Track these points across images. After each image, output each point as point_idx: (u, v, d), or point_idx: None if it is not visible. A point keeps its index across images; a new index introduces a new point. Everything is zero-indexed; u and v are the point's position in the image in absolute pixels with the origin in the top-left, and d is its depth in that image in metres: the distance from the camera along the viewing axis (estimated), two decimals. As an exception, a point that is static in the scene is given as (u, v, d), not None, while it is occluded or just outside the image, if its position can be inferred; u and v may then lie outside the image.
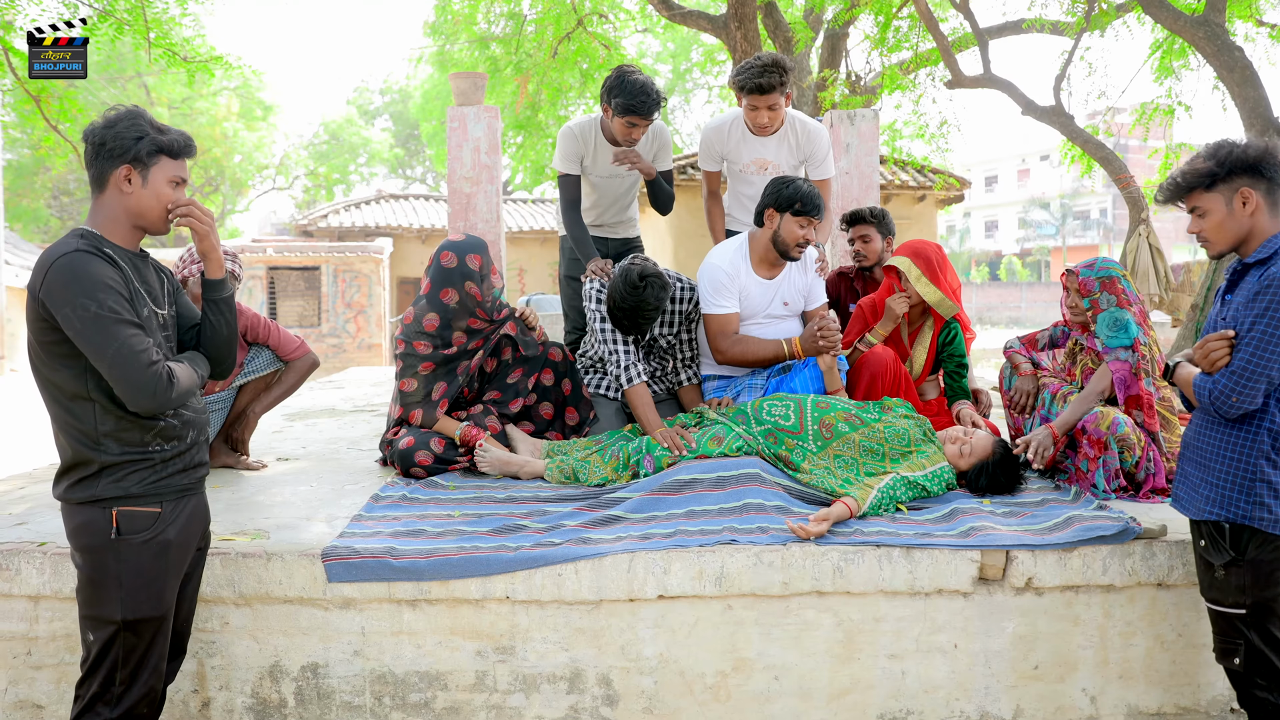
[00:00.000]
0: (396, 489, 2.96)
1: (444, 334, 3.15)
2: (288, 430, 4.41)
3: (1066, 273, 3.12)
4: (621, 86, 3.51)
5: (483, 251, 3.18)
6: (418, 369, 3.15)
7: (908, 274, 3.31)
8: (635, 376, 3.21)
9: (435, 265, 3.14)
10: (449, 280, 3.10)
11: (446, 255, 3.13)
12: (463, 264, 3.11)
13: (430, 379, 3.17)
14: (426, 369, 3.16)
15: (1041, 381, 3.21)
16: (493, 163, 4.77)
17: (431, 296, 3.13)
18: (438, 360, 3.17)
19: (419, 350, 3.14)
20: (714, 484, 2.77)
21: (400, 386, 3.18)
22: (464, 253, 3.13)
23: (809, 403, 2.99)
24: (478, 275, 3.13)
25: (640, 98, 3.48)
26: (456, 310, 3.14)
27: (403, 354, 3.16)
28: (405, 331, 3.17)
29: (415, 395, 3.16)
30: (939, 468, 2.86)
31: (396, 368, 3.18)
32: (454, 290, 3.11)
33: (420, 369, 3.15)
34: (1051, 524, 2.59)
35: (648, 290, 3.17)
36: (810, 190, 3.23)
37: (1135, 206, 7.83)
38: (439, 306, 3.12)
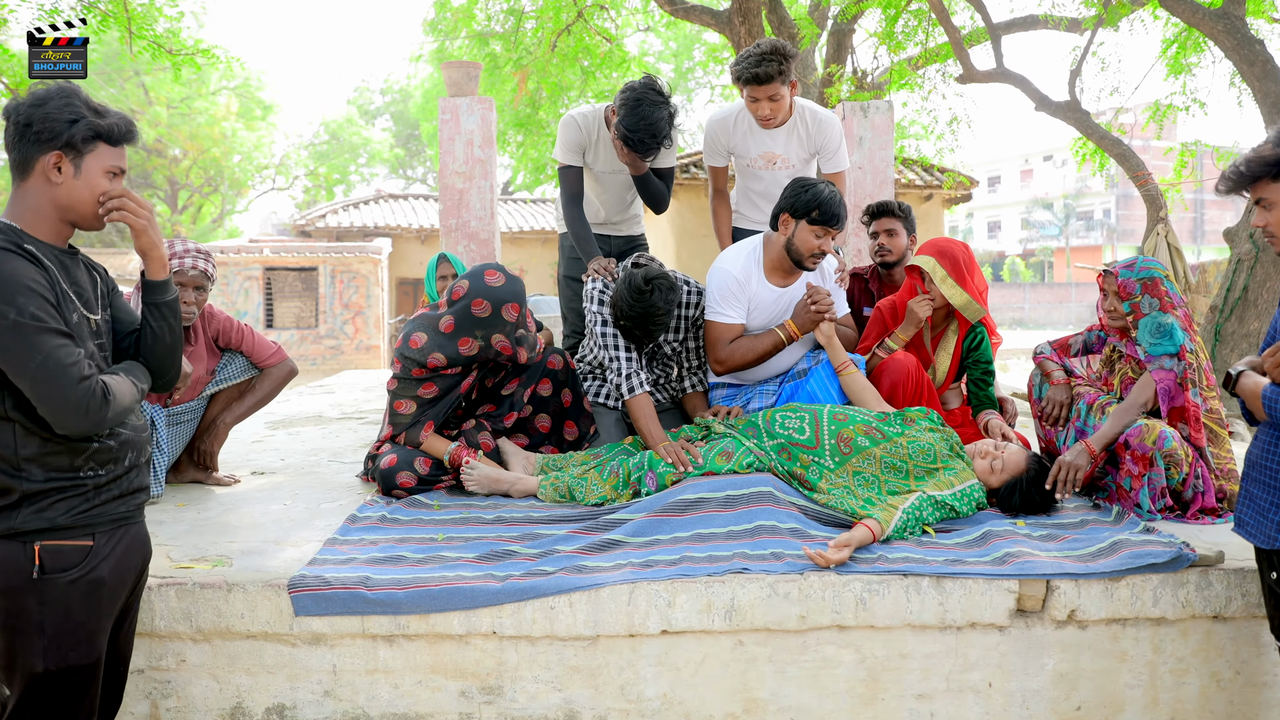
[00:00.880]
0: (375, 508, 2.72)
1: (446, 370, 2.88)
2: (269, 440, 4.17)
3: (1104, 274, 2.88)
4: (634, 112, 3.19)
5: (521, 299, 2.82)
6: (416, 391, 2.89)
7: (932, 274, 3.07)
8: (637, 386, 2.97)
9: (463, 308, 2.77)
10: (473, 330, 2.78)
11: (479, 304, 2.75)
12: (496, 315, 2.77)
13: (429, 404, 2.92)
14: (428, 391, 2.90)
15: (1076, 391, 2.96)
16: (487, 156, 4.53)
17: (449, 339, 2.79)
18: (439, 384, 2.90)
19: (416, 376, 2.87)
20: (723, 504, 2.53)
21: (396, 407, 2.92)
22: (500, 303, 2.76)
23: (825, 414, 2.75)
24: (511, 327, 2.80)
25: (641, 135, 3.18)
26: (473, 357, 2.85)
27: (400, 375, 2.89)
28: (404, 352, 2.87)
29: (408, 418, 2.92)
30: (968, 486, 2.62)
31: (391, 385, 2.93)
32: (476, 342, 2.80)
33: (420, 391, 2.88)
34: (1095, 549, 2.34)
35: (655, 295, 2.93)
36: (831, 197, 2.95)
37: (1153, 204, 7.58)
38: (452, 352, 2.81)
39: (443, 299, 2.90)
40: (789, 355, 3.16)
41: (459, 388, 2.96)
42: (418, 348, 2.86)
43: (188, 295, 2.94)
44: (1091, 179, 37.80)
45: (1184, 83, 9.31)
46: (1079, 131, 8.22)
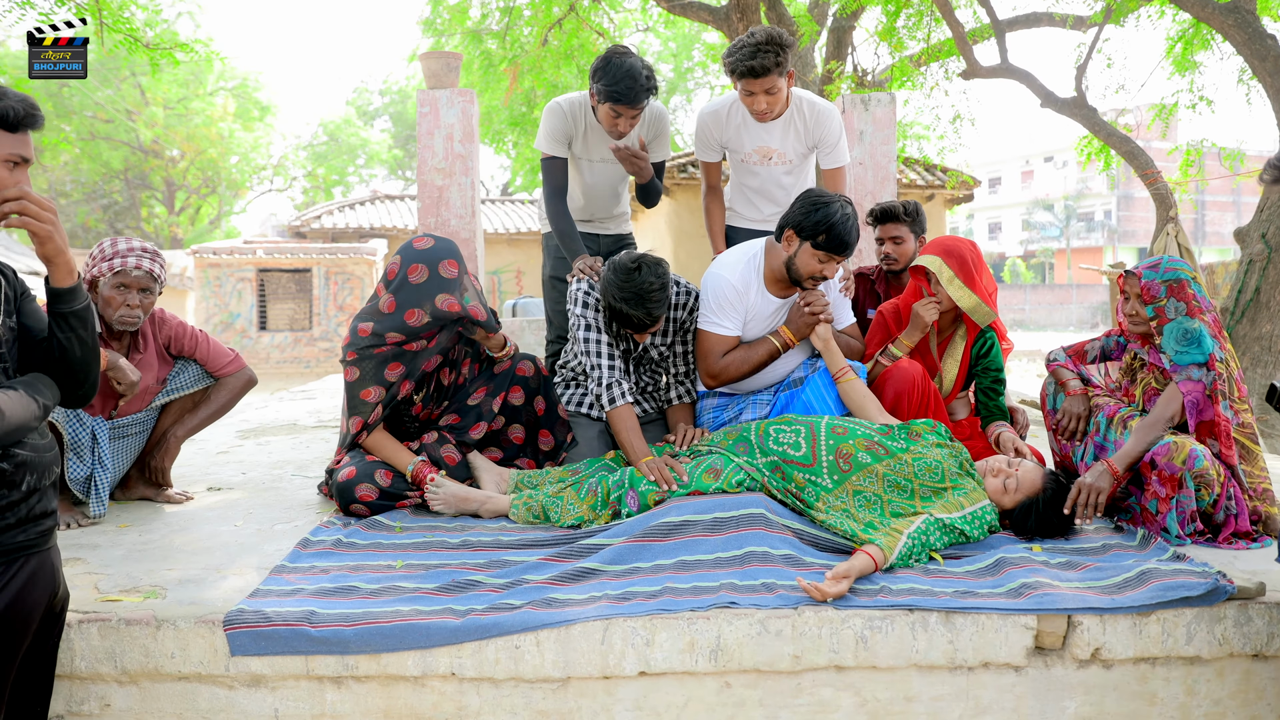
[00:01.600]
0: (331, 531, 2.49)
1: (407, 344, 2.69)
2: (235, 451, 3.95)
3: (1125, 275, 2.66)
4: (606, 70, 3.03)
5: (456, 255, 2.67)
6: (383, 373, 2.67)
7: (938, 275, 2.84)
8: (619, 396, 2.74)
9: (400, 281, 2.61)
10: (419, 298, 2.60)
11: (415, 269, 2.60)
12: (435, 275, 2.59)
13: (398, 384, 2.71)
14: (394, 372, 2.68)
15: (1094, 402, 2.74)
16: (468, 152, 4.31)
17: (394, 316, 2.62)
18: (405, 363, 2.70)
19: (379, 353, 2.66)
20: (710, 527, 2.30)
21: (362, 396, 2.69)
22: (435, 262, 2.60)
23: (822, 428, 2.52)
24: (453, 284, 2.62)
25: (625, 83, 2.99)
26: (427, 325, 2.65)
27: (359, 358, 2.68)
28: (357, 344, 2.68)
29: (371, 407, 2.70)
30: (979, 507, 2.40)
31: (350, 376, 2.70)
32: (423, 312, 2.62)
33: (387, 373, 2.67)
34: (1121, 579, 2.12)
35: (644, 271, 2.71)
36: (844, 221, 2.67)
37: (1163, 203, 7.36)
38: (405, 329, 2.63)
39: (379, 285, 2.69)
40: (784, 363, 2.94)
41: (425, 364, 2.73)
42: (368, 335, 2.66)
43: (132, 298, 2.71)
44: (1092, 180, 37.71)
45: (1191, 80, 9.11)
46: (1086, 128, 8.00)
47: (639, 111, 3.09)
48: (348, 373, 2.71)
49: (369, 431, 2.72)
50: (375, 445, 2.73)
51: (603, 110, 3.10)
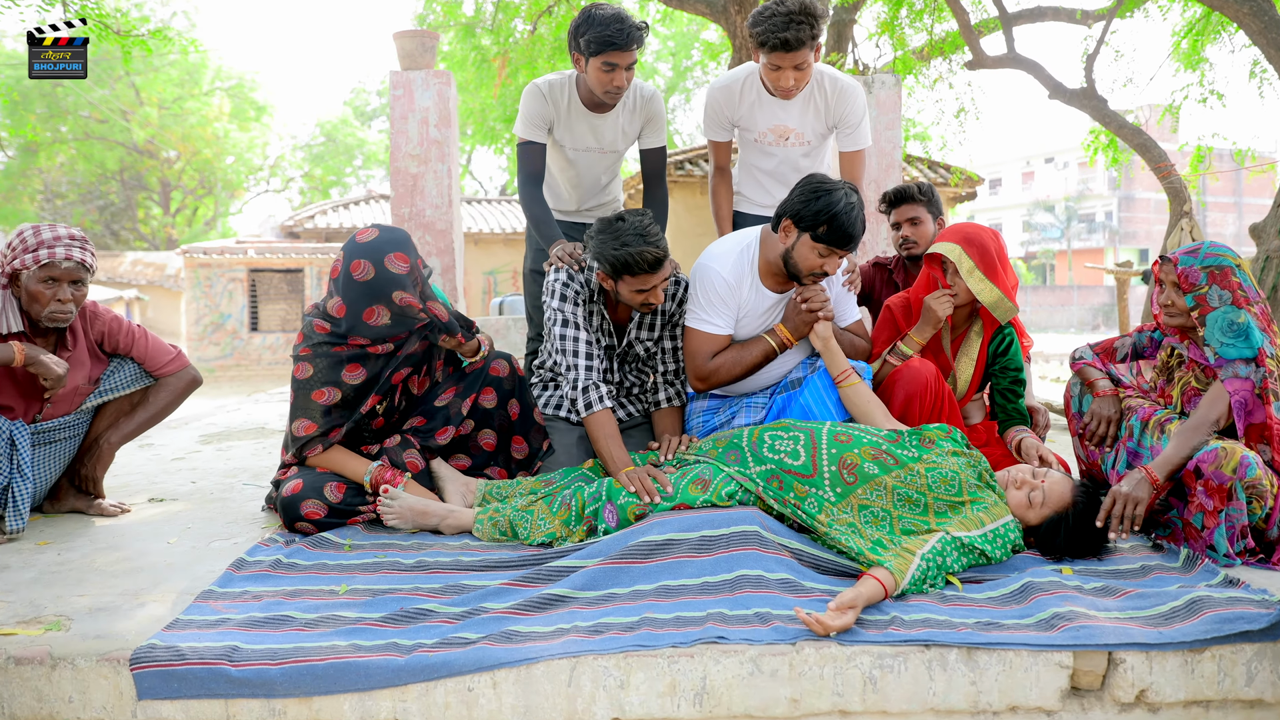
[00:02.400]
0: (270, 550, 2.22)
1: (372, 347, 2.43)
2: (192, 457, 3.68)
3: (1161, 261, 2.39)
4: (590, 19, 2.77)
5: (404, 247, 2.40)
6: (340, 375, 2.40)
7: (958, 265, 2.56)
8: (595, 401, 2.47)
9: (344, 279, 2.36)
10: (371, 297, 2.35)
11: (358, 265, 2.34)
12: (383, 271, 2.34)
13: (358, 393, 2.44)
14: (354, 375, 2.42)
15: (1126, 404, 2.47)
16: (444, 137, 4.04)
17: (350, 320, 2.37)
18: (367, 366, 2.44)
19: (338, 352, 2.41)
20: (697, 546, 2.03)
21: (315, 397, 2.42)
22: (380, 255, 2.34)
23: (824, 434, 2.25)
24: (408, 280, 2.37)
25: (615, 25, 2.72)
26: (391, 326, 2.41)
27: (316, 355, 2.41)
28: (315, 341, 2.42)
29: (322, 410, 2.43)
30: (1001, 524, 2.12)
31: (301, 373, 2.42)
32: (382, 308, 2.37)
33: (345, 375, 2.41)
34: (1168, 609, 1.84)
35: (630, 217, 2.46)
36: (847, 212, 2.39)
37: (1177, 198, 7.10)
38: (365, 329, 2.39)
39: (327, 284, 2.43)
40: (781, 363, 2.66)
41: (393, 376, 2.47)
42: (326, 332, 2.40)
43: (62, 291, 2.45)
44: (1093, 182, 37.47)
45: (1201, 74, 8.87)
46: (1096, 120, 7.74)
47: (634, 58, 2.81)
48: (298, 369, 2.44)
49: (324, 447, 2.43)
50: (324, 458, 2.45)
51: (594, 69, 2.82)
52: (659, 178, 3.18)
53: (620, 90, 2.87)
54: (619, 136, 3.11)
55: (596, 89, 2.88)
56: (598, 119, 3.04)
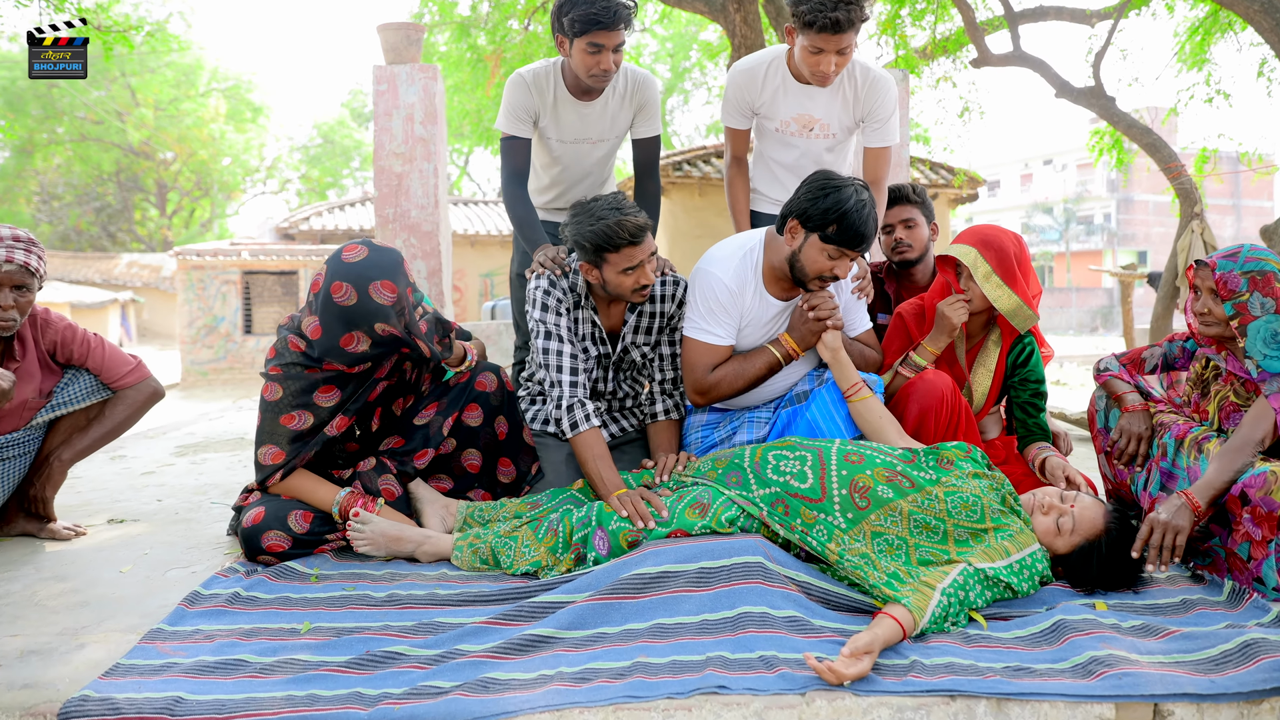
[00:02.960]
0: (228, 582, 2.03)
1: (350, 369, 2.26)
2: (163, 471, 3.49)
3: (1196, 266, 2.21)
4: (567, 1, 2.59)
5: (394, 274, 2.17)
6: (312, 397, 2.22)
7: (973, 270, 2.38)
8: (581, 420, 2.28)
9: (324, 300, 2.17)
10: (350, 324, 2.16)
11: (339, 288, 2.13)
12: (366, 300, 2.13)
13: (332, 414, 2.26)
14: (328, 397, 2.24)
15: (1157, 420, 2.29)
16: (430, 134, 3.86)
17: (326, 344, 2.18)
18: (342, 387, 2.26)
19: (311, 375, 2.23)
20: (695, 580, 1.85)
21: (283, 421, 2.24)
22: (365, 282, 2.12)
23: (834, 454, 2.07)
24: (390, 311, 2.16)
25: (601, 3, 2.53)
26: (368, 355, 2.23)
27: (286, 375, 2.24)
28: (287, 360, 2.24)
29: (293, 435, 2.25)
30: (1028, 554, 1.94)
31: (271, 394, 2.24)
32: (361, 335, 2.18)
33: (317, 397, 2.23)
34: (1219, 652, 1.66)
35: (604, 197, 2.30)
36: (859, 210, 2.20)
37: (1187, 199, 6.92)
38: (341, 355, 2.20)
39: (308, 296, 2.25)
40: (786, 375, 2.48)
41: (369, 394, 2.30)
42: (300, 351, 2.22)
43: (4, 297, 2.27)
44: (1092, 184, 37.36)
45: (1208, 74, 8.72)
46: (1104, 119, 7.56)
47: (621, 38, 2.61)
48: (267, 389, 2.25)
49: (285, 473, 2.24)
50: (289, 485, 2.26)
51: (578, 51, 2.63)
52: (651, 170, 2.99)
53: (608, 74, 2.68)
54: (610, 125, 2.92)
55: (582, 73, 2.69)
56: (586, 107, 2.86)
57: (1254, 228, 34.71)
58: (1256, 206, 35.86)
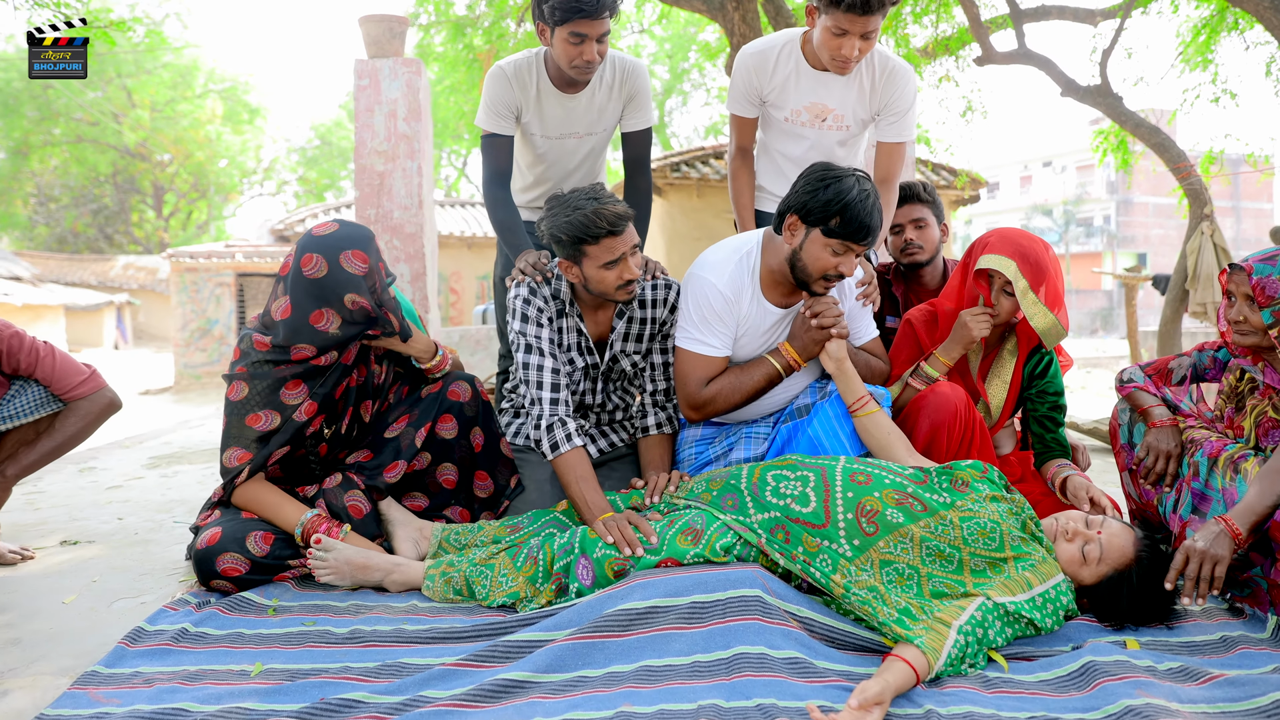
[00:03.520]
0: (177, 616, 1.86)
1: (316, 359, 2.11)
2: (132, 485, 3.32)
3: (1230, 270, 2.04)
4: None
5: (364, 245, 2.09)
6: (278, 395, 2.07)
7: (1014, 284, 2.18)
8: (562, 440, 2.11)
9: (294, 275, 2.06)
10: (321, 298, 2.05)
11: (309, 260, 2.04)
12: (337, 269, 2.04)
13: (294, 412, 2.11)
14: (294, 393, 2.09)
15: (1188, 436, 2.12)
16: (414, 131, 3.69)
17: (294, 324, 2.05)
18: (309, 383, 2.11)
19: (279, 374, 2.08)
20: (686, 615, 1.68)
21: (248, 422, 2.08)
22: (335, 252, 2.04)
23: (838, 474, 1.90)
24: (364, 282, 2.07)
25: None
26: (340, 335, 2.08)
27: (252, 374, 2.09)
28: (254, 359, 2.09)
29: (258, 436, 2.10)
30: (1051, 586, 1.77)
31: (235, 394, 2.09)
32: (332, 313, 2.05)
33: (284, 394, 2.08)
34: (1269, 701, 1.49)
35: (580, 189, 2.15)
36: (862, 200, 2.04)
37: (1197, 200, 6.76)
38: (311, 335, 2.07)
39: (276, 283, 2.11)
40: (786, 388, 2.31)
41: (335, 388, 2.14)
42: (269, 349, 2.07)
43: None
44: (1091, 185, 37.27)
45: (1214, 73, 8.57)
46: (1110, 118, 7.40)
47: (606, 27, 2.44)
48: (232, 389, 2.10)
49: (252, 473, 2.09)
50: (252, 496, 2.10)
51: (560, 40, 2.46)
52: (642, 165, 2.81)
53: (591, 66, 2.51)
54: (597, 118, 2.75)
55: (564, 64, 2.52)
56: (571, 99, 2.69)
57: (1254, 230, 34.60)
58: (1256, 209, 35.75)
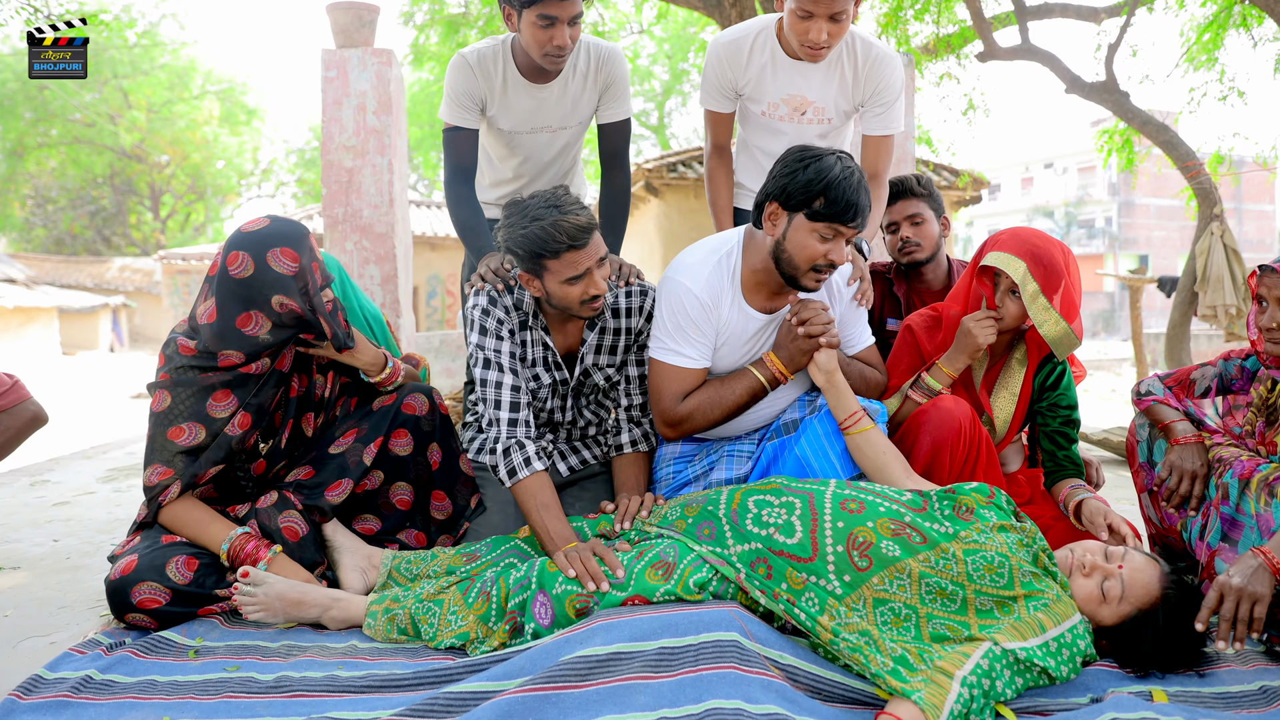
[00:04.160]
0: (83, 660, 1.65)
1: (244, 366, 1.92)
2: (81, 500, 3.12)
3: (1261, 272, 1.85)
4: None
5: (296, 243, 1.88)
6: (204, 406, 1.88)
7: (1021, 288, 1.97)
8: (520, 465, 1.91)
9: (220, 275, 1.86)
10: (247, 300, 1.85)
11: (235, 258, 1.84)
12: (264, 269, 1.84)
13: (224, 425, 1.91)
14: (223, 404, 1.90)
15: (1214, 455, 1.92)
16: (385, 126, 3.50)
17: (222, 327, 1.86)
18: (238, 392, 1.92)
19: (205, 381, 1.89)
20: (654, 663, 1.48)
21: (170, 436, 1.89)
22: (263, 249, 1.84)
23: (828, 500, 1.70)
24: (293, 283, 1.86)
25: None
26: (269, 341, 1.89)
27: (175, 381, 1.90)
28: (178, 365, 1.90)
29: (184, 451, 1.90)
30: (1067, 628, 1.57)
31: (159, 405, 1.90)
32: (260, 316, 1.86)
33: (210, 406, 1.88)
34: (1321, 771, 1.29)
35: (540, 193, 1.94)
36: (845, 177, 1.85)
37: (1206, 199, 6.56)
38: (239, 340, 1.88)
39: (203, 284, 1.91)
40: (772, 401, 2.10)
41: (269, 399, 1.95)
42: (193, 354, 1.88)
43: None
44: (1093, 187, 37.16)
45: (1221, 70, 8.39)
46: (1117, 115, 7.20)
47: (578, 9, 2.23)
48: (155, 399, 1.91)
49: (180, 491, 1.89)
50: (176, 515, 1.90)
51: (528, 25, 2.26)
52: (620, 160, 2.61)
53: (563, 52, 2.31)
54: (571, 110, 2.55)
55: (533, 50, 2.32)
56: (542, 90, 2.49)
57: (1255, 232, 34.43)
58: (1259, 210, 35.56)
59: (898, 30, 8.60)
